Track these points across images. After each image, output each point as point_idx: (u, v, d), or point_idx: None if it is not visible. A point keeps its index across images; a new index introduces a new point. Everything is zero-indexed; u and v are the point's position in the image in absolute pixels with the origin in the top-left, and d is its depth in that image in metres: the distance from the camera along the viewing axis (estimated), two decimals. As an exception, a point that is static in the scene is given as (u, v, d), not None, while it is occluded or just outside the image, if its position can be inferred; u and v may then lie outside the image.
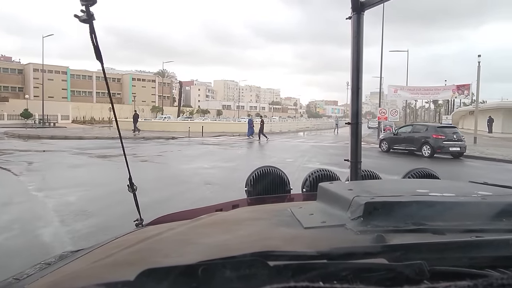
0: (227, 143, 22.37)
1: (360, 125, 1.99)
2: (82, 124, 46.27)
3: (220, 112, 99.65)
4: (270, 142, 23.62)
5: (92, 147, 17.73)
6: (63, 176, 9.82)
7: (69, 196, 7.18)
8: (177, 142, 22.88)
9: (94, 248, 0.88)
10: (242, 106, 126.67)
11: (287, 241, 0.69)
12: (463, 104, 71.23)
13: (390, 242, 0.61)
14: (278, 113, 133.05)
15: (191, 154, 15.56)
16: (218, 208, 1.39)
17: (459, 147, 15.67)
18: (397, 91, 25.87)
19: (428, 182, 1.30)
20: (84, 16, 1.04)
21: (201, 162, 12.74)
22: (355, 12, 1.82)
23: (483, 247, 0.61)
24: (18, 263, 3.61)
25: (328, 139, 27.69)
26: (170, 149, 17.78)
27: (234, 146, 20.15)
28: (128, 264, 0.67)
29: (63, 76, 68.84)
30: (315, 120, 69.85)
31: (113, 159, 13.12)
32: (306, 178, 1.92)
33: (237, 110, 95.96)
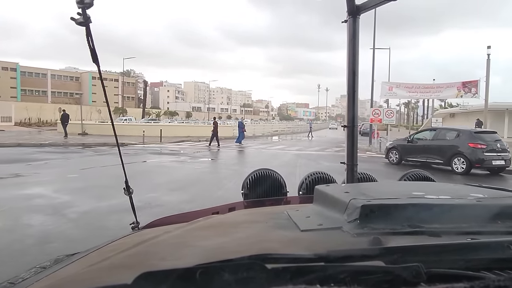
0: (188, 152, 17.24)
1: (357, 128, 1.91)
2: (27, 127, 39.68)
3: (189, 114, 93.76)
4: (245, 150, 18.76)
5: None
6: None
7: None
8: (124, 151, 17.54)
9: (90, 251, 0.86)
10: (213, 108, 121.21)
11: (284, 244, 0.68)
12: (439, 107, 69.05)
13: (387, 244, 0.61)
14: (249, 115, 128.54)
15: (131, 171, 10.18)
16: (214, 211, 1.38)
17: (503, 159, 11.26)
18: (392, 89, 21.59)
19: (424, 185, 1.26)
20: (81, 19, 1.03)
21: (137, 190, 7.45)
22: (350, 15, 1.77)
23: (479, 249, 0.60)
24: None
25: (311, 146, 23.17)
26: (102, 162, 12.47)
27: (196, 157, 15.07)
28: (125, 267, 0.66)
29: (12, 73, 60.97)
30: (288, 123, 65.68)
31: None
32: (303, 181, 1.88)
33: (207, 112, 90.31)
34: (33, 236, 4.64)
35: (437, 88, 21.08)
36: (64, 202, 6.48)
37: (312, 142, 28.54)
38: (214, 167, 13.05)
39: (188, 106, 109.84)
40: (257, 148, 20.49)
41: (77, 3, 1.01)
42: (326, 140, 32.63)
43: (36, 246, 4.27)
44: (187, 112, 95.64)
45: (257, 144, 23.82)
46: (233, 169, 11.92)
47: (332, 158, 14.63)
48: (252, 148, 20.04)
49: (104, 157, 14.32)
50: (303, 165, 12.10)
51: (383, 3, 1.64)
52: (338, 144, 27.14)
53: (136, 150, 17.52)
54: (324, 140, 31.66)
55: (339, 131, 64.08)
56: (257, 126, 41.39)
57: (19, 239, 4.51)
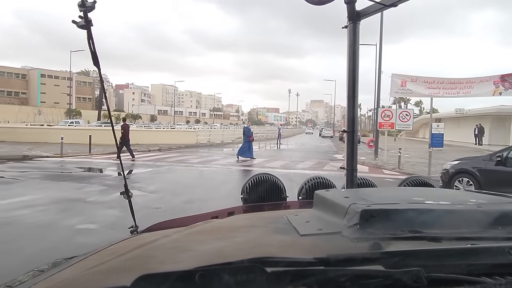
0: (110, 181, 10.70)
1: (356, 133, 1.83)
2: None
3: (154, 118, 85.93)
4: (175, 169, 12.35)
5: None
6: None
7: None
8: (2, 170, 10.72)
9: (88, 255, 0.85)
10: (181, 111, 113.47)
11: (284, 248, 0.68)
12: (419, 111, 65.11)
13: (387, 249, 0.60)
14: (219, 119, 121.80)
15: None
16: (213, 215, 1.36)
17: None
18: (406, 84, 15.83)
19: (423, 190, 1.25)
20: (82, 22, 1.02)
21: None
22: (351, 21, 1.72)
23: (479, 254, 0.60)
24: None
25: (299, 157, 17.15)
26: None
27: (106, 190, 8.58)
28: (123, 270, 0.64)
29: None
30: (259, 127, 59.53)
31: None
32: (302, 186, 1.85)
33: (174, 115, 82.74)
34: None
35: (466, 84, 15.48)
36: None
37: (297, 151, 22.62)
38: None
39: (154, 109, 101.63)
40: (209, 167, 14.10)
41: (78, 6, 1.00)
42: (310, 148, 26.79)
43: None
44: (152, 116, 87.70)
45: (217, 155, 17.51)
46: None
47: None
48: (202, 168, 13.61)
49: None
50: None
51: (383, 9, 1.64)
52: (328, 154, 21.31)
53: (23, 169, 10.70)
54: (308, 149, 25.75)
55: (315, 136, 58.87)
56: (216, 132, 35.00)
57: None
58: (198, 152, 19.29)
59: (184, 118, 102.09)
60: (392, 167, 14.16)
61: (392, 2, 1.49)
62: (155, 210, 6.23)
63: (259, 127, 66.30)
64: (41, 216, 5.69)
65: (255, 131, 42.31)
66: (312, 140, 41.50)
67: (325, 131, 55.67)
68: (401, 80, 16.28)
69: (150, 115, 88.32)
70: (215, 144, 26.94)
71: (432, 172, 11.88)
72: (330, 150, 24.98)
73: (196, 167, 12.66)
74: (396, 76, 16.48)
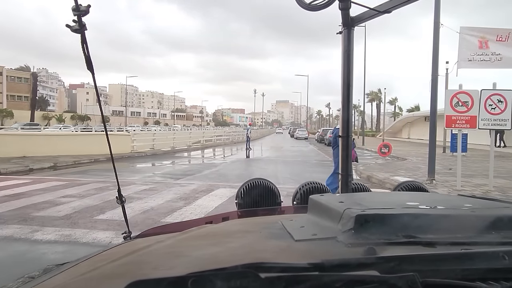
0: None
1: (351, 138, 1.82)
2: None
3: (106, 119, 75.55)
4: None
5: None
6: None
7: None
8: None
9: (80, 261, 0.83)
10: (139, 112, 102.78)
11: (278, 253, 0.67)
12: (399, 109, 59.25)
13: (382, 254, 0.59)
14: (182, 121, 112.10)
15: None
16: (208, 221, 1.34)
17: None
18: (488, 45, 8.19)
19: (418, 195, 1.22)
20: (76, 26, 1.01)
21: None
22: (345, 27, 1.72)
23: (473, 259, 0.59)
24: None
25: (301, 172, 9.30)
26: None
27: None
28: (115, 276, 0.63)
29: None
30: (224, 128, 51.27)
31: None
32: (297, 191, 1.79)
33: (125, 117, 72.43)
34: None
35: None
36: None
37: (279, 163, 14.90)
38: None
39: (108, 110, 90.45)
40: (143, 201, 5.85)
41: (72, 10, 0.99)
42: (293, 156, 19.00)
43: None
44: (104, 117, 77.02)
45: (166, 177, 9.25)
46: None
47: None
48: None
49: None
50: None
51: (377, 16, 1.63)
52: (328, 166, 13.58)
53: None
54: (292, 157, 17.91)
55: (287, 137, 51.39)
56: (179, 135, 26.46)
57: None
58: (112, 170, 11.00)
59: (142, 119, 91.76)
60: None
61: (386, 8, 1.52)
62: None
63: (224, 128, 58.15)
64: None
65: (218, 133, 33.97)
66: (286, 143, 33.89)
67: (299, 131, 47.05)
68: (479, 39, 8.82)
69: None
70: (160, 153, 18.60)
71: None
72: (324, 160, 17.26)
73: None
74: (470, 31, 8.96)
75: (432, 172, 9.30)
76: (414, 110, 48.63)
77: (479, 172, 10.89)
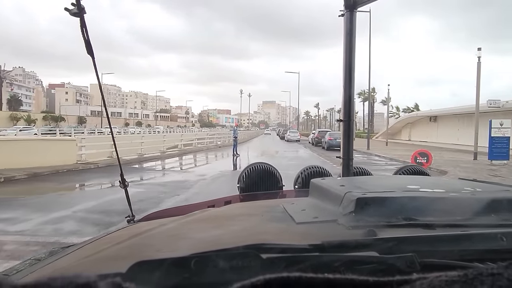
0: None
1: (353, 122, 1.83)
2: None
3: (83, 120, 69.63)
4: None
5: None
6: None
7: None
8: None
9: (85, 244, 0.84)
10: (119, 112, 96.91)
11: (279, 235, 0.67)
12: (396, 109, 55.46)
13: (381, 235, 0.60)
14: (166, 121, 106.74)
15: None
16: (210, 204, 1.34)
17: None
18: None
19: (418, 179, 1.21)
20: (75, 9, 0.98)
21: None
22: (347, 9, 1.69)
23: (472, 240, 0.60)
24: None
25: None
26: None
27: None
28: (119, 258, 0.63)
29: None
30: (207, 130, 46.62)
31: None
32: (298, 175, 1.82)
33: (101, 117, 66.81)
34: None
35: None
36: None
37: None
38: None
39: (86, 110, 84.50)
40: None
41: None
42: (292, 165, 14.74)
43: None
44: (80, 117, 71.18)
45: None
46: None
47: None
48: None
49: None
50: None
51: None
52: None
53: None
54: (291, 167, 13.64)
55: (276, 139, 46.87)
56: (149, 139, 21.84)
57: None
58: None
59: (123, 120, 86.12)
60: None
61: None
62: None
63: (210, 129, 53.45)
64: None
65: (200, 136, 29.27)
66: (278, 146, 29.50)
67: (291, 133, 41.29)
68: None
69: (79, 116, 71.68)
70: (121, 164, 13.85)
71: None
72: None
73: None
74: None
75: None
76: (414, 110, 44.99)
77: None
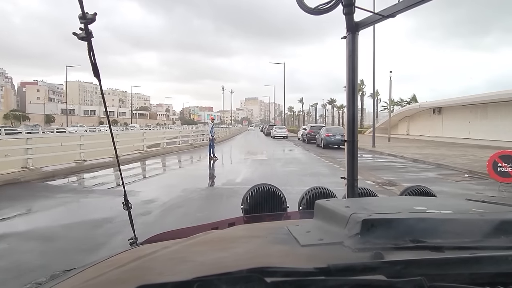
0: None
1: (357, 142, 1.78)
2: None
3: (50, 119, 63.28)
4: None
5: None
6: None
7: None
8: None
9: (87, 267, 0.81)
10: (93, 110, 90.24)
11: (284, 259, 0.65)
12: (391, 101, 51.45)
13: (389, 258, 0.57)
14: (144, 119, 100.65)
15: None
16: (214, 226, 1.32)
17: None
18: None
19: (425, 200, 1.20)
20: (83, 34, 1.00)
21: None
22: (349, 32, 1.71)
23: (482, 263, 0.57)
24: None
25: None
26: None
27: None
28: (121, 282, 0.62)
29: None
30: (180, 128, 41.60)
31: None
32: (303, 196, 1.76)
33: (66, 115, 60.61)
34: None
35: None
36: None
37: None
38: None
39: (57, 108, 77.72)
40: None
41: (79, 18, 0.98)
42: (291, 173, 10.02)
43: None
44: (47, 116, 64.72)
45: None
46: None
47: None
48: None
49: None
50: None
51: (381, 20, 1.62)
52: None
53: None
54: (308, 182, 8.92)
55: (261, 136, 42.40)
56: (92, 139, 16.77)
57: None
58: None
59: (97, 118, 79.71)
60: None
61: (391, 13, 1.50)
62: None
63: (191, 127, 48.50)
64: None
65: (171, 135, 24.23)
66: (265, 145, 24.95)
67: (278, 129, 36.85)
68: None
69: (45, 115, 65.16)
70: (39, 177, 9.12)
71: None
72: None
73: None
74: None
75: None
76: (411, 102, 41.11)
77: None
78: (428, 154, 15.67)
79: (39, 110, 70.55)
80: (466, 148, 19.30)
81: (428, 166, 12.34)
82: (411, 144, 23.55)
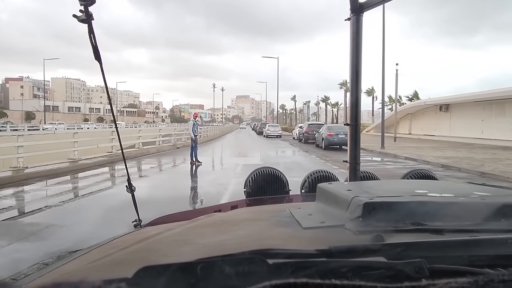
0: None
1: (359, 126, 1.78)
2: None
3: (30, 115, 59.57)
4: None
5: None
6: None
7: None
8: None
9: (92, 248, 0.84)
10: (78, 107, 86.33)
11: (286, 241, 0.65)
12: (389, 98, 48.96)
13: (389, 241, 0.58)
14: (133, 117, 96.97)
15: None
16: (216, 209, 1.32)
17: None
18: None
19: (426, 183, 1.19)
20: (83, 16, 0.98)
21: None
22: (354, 13, 1.67)
23: (481, 246, 0.58)
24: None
25: None
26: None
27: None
28: (126, 263, 0.62)
29: None
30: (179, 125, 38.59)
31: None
32: (305, 179, 1.76)
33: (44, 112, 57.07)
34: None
35: None
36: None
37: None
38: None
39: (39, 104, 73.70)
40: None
41: (79, 0, 0.96)
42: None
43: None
44: (27, 113, 60.96)
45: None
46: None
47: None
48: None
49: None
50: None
51: (386, 1, 1.55)
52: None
53: None
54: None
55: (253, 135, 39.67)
56: (36, 139, 13.78)
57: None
58: None
59: (82, 115, 75.99)
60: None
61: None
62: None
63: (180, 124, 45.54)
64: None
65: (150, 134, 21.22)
66: (258, 145, 22.18)
67: (271, 127, 34.10)
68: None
69: (24, 111, 61.37)
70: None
71: None
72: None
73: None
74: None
75: None
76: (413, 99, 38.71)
77: None
78: (454, 158, 13.05)
79: (20, 107, 66.71)
80: (485, 149, 16.79)
81: (470, 175, 9.65)
82: (420, 144, 20.99)
